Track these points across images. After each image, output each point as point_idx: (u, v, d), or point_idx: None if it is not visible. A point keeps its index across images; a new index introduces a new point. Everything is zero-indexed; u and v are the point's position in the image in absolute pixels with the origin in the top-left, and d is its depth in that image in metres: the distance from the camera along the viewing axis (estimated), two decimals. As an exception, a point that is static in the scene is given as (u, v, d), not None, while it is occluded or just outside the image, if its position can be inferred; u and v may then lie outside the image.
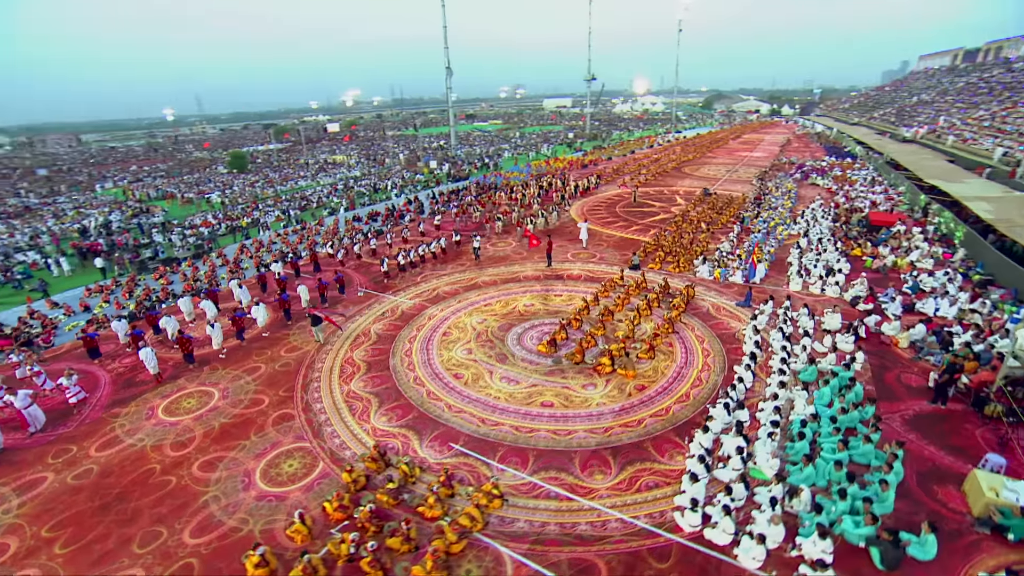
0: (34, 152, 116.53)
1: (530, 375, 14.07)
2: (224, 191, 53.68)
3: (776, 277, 20.57)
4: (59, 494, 10.49)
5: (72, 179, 67.50)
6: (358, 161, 72.14)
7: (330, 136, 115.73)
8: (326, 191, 49.47)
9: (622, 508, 9.46)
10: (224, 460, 11.22)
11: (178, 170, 72.75)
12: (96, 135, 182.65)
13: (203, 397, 13.71)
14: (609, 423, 11.89)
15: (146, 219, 40.17)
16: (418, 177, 54.06)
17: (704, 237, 25.82)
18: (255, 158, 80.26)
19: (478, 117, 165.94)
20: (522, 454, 11.04)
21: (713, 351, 14.96)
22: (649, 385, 13.37)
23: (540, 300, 19.12)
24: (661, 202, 34.75)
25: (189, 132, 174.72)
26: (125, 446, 11.84)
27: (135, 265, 27.77)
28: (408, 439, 11.69)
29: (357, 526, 9.16)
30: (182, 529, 9.44)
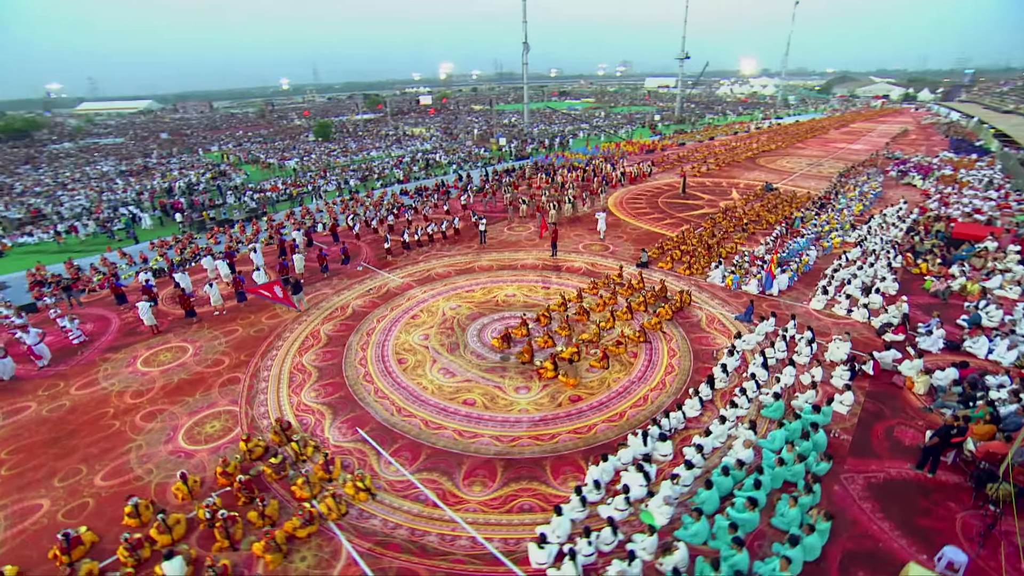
0: (173, 117, 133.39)
1: (470, 369, 13.72)
2: (302, 158, 57.77)
3: (802, 291, 18.00)
4: (30, 423, 12.16)
5: (187, 142, 76.38)
6: (432, 135, 73.87)
7: (420, 108, 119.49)
8: (391, 163, 51.23)
9: (482, 527, 8.97)
10: (164, 413, 12.28)
11: (273, 137, 79.37)
12: (226, 102, 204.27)
13: (179, 352, 15.06)
14: (520, 432, 11.27)
15: (225, 182, 44.50)
16: (484, 153, 54.20)
17: (739, 238, 23.22)
18: (344, 128, 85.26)
19: (573, 94, 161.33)
20: (417, 450, 10.85)
21: (679, 369, 13.52)
22: (587, 397, 12.44)
23: (538, 288, 18.46)
24: (713, 195, 31.74)
25: (301, 100, 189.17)
26: (98, 389, 13.40)
27: (195, 224, 31.00)
28: (323, 417, 11.98)
29: (233, 494, 9.62)
30: (100, 471, 10.53)
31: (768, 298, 17.46)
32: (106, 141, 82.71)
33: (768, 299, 17.40)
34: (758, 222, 25.50)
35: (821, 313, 16.46)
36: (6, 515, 9.56)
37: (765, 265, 18.71)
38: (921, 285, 18.35)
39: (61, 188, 45.53)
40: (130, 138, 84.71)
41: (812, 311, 16.58)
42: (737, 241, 23.09)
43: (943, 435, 9.93)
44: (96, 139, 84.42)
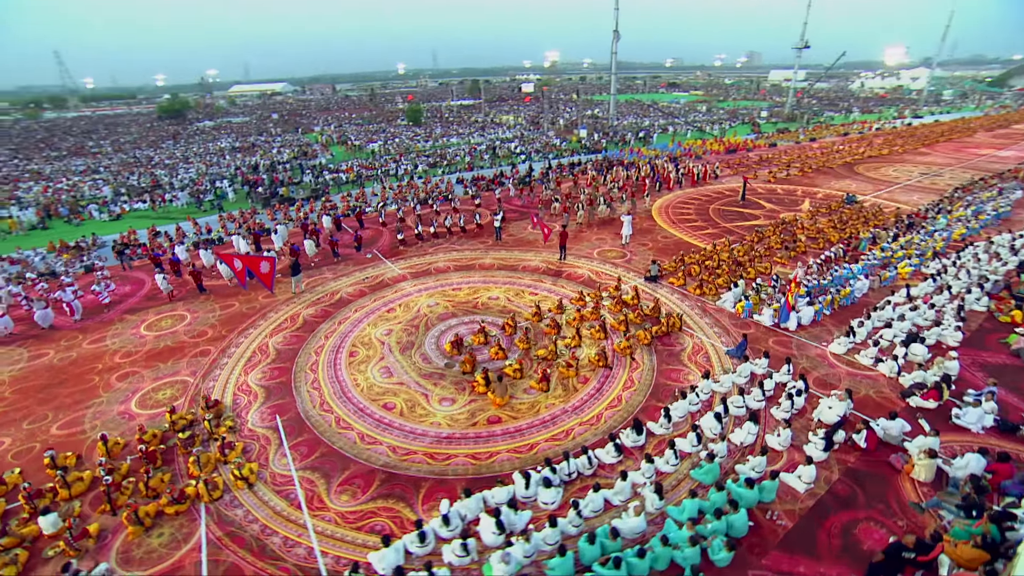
0: (298, 98, 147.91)
1: (408, 371, 13.50)
2: (386, 142, 60.88)
3: (830, 328, 15.16)
4: (41, 368, 14.23)
5: (296, 122, 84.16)
6: (517, 123, 73.78)
7: (517, 96, 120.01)
8: (465, 150, 52.02)
9: (326, 539, 8.79)
10: (135, 376, 13.69)
11: (372, 119, 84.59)
12: (348, 84, 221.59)
13: (178, 321, 16.69)
14: (419, 447, 10.85)
15: (307, 161, 48.36)
16: (561, 145, 53.02)
17: (782, 257, 20.19)
18: (439, 113, 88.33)
19: (683, 86, 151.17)
20: (315, 447, 10.91)
21: (627, 405, 12.10)
22: (507, 421, 11.63)
23: (525, 293, 17.72)
24: (779, 205, 27.96)
25: (415, 85, 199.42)
26: (102, 345, 15.30)
27: (261, 200, 34.10)
28: (255, 399, 12.52)
29: (138, 460, 10.43)
30: (59, 420, 12.01)
31: (781, 332, 14.96)
32: (237, 120, 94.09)
33: (780, 334, 14.91)
34: (815, 239, 21.95)
35: (839, 359, 13.73)
36: None
37: (784, 291, 16.03)
38: (1001, 339, 14.55)
39: (183, 161, 52.62)
40: (256, 118, 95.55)
41: (829, 355, 13.89)
42: (779, 260, 20.10)
43: (893, 554, 7.76)
44: (230, 118, 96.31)
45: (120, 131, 78.98)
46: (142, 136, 73.45)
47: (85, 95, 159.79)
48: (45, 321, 16.40)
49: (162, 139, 70.76)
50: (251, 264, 17.85)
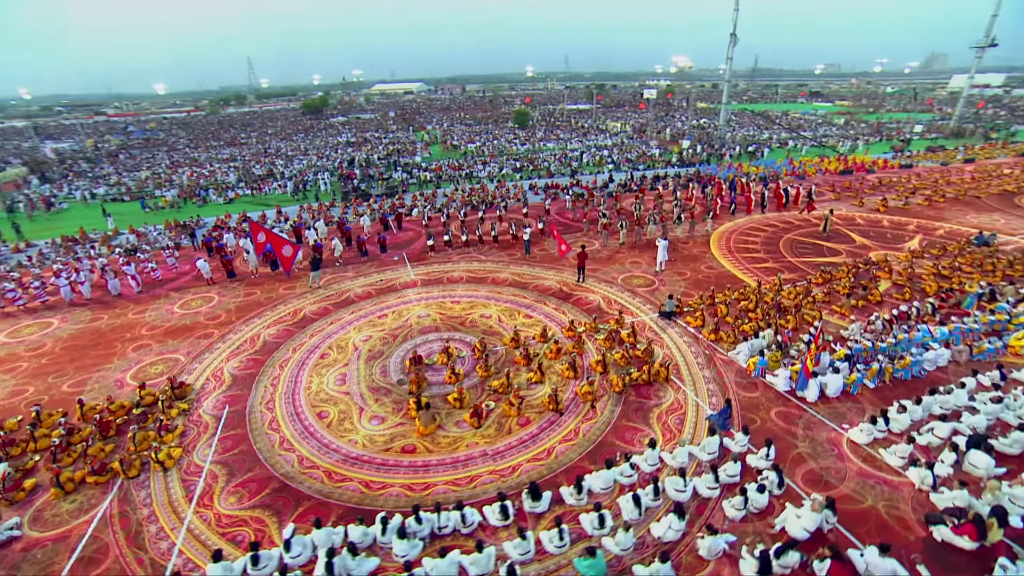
0: (428, 97, 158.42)
1: (360, 382, 13.46)
2: (485, 143, 62.38)
3: (870, 405, 12.04)
4: (91, 330, 16.80)
5: (412, 120, 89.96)
6: (621, 130, 70.98)
7: (633, 101, 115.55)
8: (556, 156, 51.37)
9: (194, 539, 9.00)
10: (145, 348, 15.51)
11: (480, 120, 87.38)
12: (478, 85, 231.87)
13: (206, 303, 18.61)
14: (326, 463, 10.70)
15: (400, 158, 51.34)
16: (659, 155, 49.96)
17: (842, 306, 16.59)
18: (549, 117, 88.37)
19: (828, 96, 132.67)
20: (239, 443, 11.32)
21: (553, 461, 10.75)
22: (421, 452, 11.00)
23: (519, 315, 16.89)
24: (877, 241, 23.11)
25: (542, 88, 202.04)
26: (140, 317, 17.62)
27: (341, 194, 36.88)
28: (219, 386, 13.39)
29: (98, 426, 11.71)
30: (73, 379, 14.01)
31: (795, 403, 12.22)
32: (365, 116, 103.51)
33: (793, 403, 12.18)
34: (901, 288, 17.66)
35: (857, 451, 10.80)
36: (10, 389, 13.60)
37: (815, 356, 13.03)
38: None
39: (302, 153, 59.12)
40: (381, 115, 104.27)
41: (844, 444, 10.99)
42: (838, 310, 16.55)
43: None
44: (360, 114, 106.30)
45: (269, 124, 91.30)
46: (283, 129, 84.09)
47: (260, 93, 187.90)
48: (114, 290, 19.36)
49: (296, 132, 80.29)
50: (275, 243, 19.28)
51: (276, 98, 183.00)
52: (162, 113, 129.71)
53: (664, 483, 9.60)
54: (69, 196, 41.25)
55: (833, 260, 20.89)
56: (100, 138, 77.24)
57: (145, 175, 48.71)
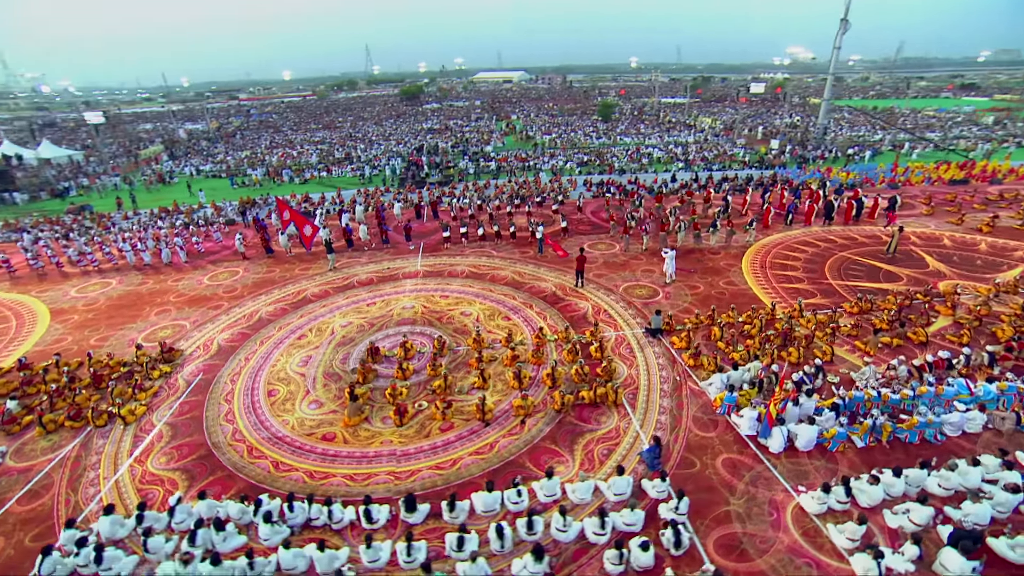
0: (525, 86, 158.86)
1: (320, 365, 14.06)
2: (560, 136, 61.32)
3: (851, 469, 10.19)
4: (134, 292, 19.35)
5: (500, 109, 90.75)
6: (710, 127, 65.76)
7: (740, 95, 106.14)
8: (628, 151, 49.24)
9: (115, 491, 10.12)
10: (165, 313, 17.53)
11: (567, 111, 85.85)
12: (581, 75, 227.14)
13: (231, 276, 20.51)
14: (252, 439, 11.39)
15: (470, 147, 52.16)
16: (741, 155, 45.82)
17: (868, 343, 14.06)
18: (639, 110, 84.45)
19: (986, 90, 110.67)
20: (194, 408, 12.43)
21: (454, 472, 10.46)
22: (339, 442, 11.27)
23: (498, 316, 16.64)
24: (961, 266, 19.16)
25: (647, 80, 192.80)
26: (175, 285, 19.90)
27: (399, 180, 38.39)
28: (203, 355, 14.78)
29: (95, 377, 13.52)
30: (100, 335, 16.24)
31: (758, 450, 10.67)
32: (458, 103, 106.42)
33: (752, 452, 10.65)
34: (960, 329, 14.49)
35: (802, 518, 9.19)
36: (55, 336, 16.14)
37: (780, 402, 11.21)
38: None
39: (383, 138, 62.36)
40: (471, 104, 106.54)
41: (787, 512, 9.40)
42: (861, 347, 14.08)
43: None
44: (453, 102, 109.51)
45: (368, 109, 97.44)
46: (378, 114, 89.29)
47: (371, 79, 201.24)
48: (166, 259, 22.07)
49: (389, 117, 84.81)
50: (298, 221, 20.70)
51: (384, 84, 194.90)
52: (285, 97, 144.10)
53: (549, 518, 8.91)
54: (182, 172, 47.50)
55: (886, 287, 17.74)
56: (226, 120, 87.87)
57: (246, 154, 54.64)
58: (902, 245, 21.09)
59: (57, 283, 20.53)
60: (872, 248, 21.24)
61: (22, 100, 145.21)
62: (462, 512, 9.17)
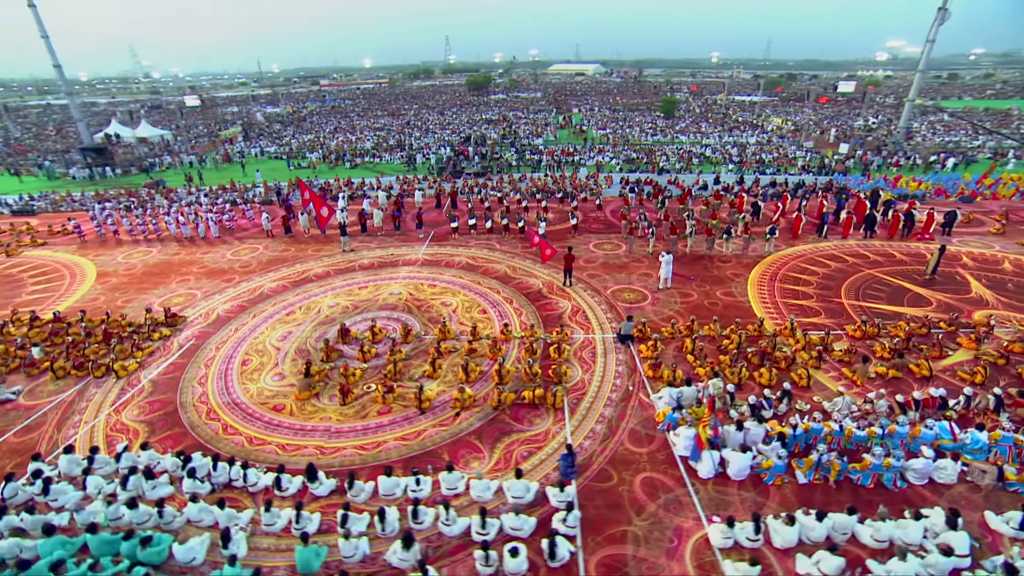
0: (598, 78, 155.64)
1: (295, 341, 14.98)
2: (615, 131, 59.75)
3: (781, 503, 9.51)
4: (166, 262, 21.50)
5: (564, 101, 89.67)
6: (779, 127, 61.08)
7: (820, 95, 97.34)
8: (679, 151, 47.21)
9: (89, 434, 11.52)
10: (184, 282, 19.36)
11: (630, 107, 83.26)
12: (658, 69, 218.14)
13: (251, 252, 22.17)
14: (213, 402, 12.46)
15: (517, 139, 52.20)
16: (805, 158, 42.53)
17: (856, 372, 12.78)
18: (708, 108, 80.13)
19: None
20: (178, 369, 13.78)
21: (368, 457, 10.86)
22: (285, 413, 12.05)
23: (473, 311, 16.89)
24: (1011, 295, 16.74)
25: (728, 75, 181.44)
26: (200, 258, 21.82)
27: (436, 169, 39.27)
28: (197, 324, 16.23)
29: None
30: (125, 300, 18.23)
31: (686, 472, 10.18)
32: (524, 95, 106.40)
33: (682, 473, 10.18)
34: (975, 366, 12.75)
35: (704, 552, 8.69)
36: (91, 296, 18.37)
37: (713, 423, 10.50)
38: None
39: (441, 127, 63.76)
40: (532, 97, 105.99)
41: (690, 544, 8.91)
42: (849, 375, 12.85)
43: None
44: (520, 93, 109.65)
45: (435, 98, 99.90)
46: (444, 103, 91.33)
47: (446, 68, 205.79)
48: (201, 233, 24.26)
49: (452, 107, 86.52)
50: (316, 203, 22.00)
51: (458, 74, 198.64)
52: (362, 84, 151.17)
53: (439, 510, 9.06)
54: (249, 153, 51.47)
55: (909, 311, 15.92)
56: (302, 105, 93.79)
57: (310, 138, 58.19)
58: (947, 266, 18.76)
59: (111, 249, 23.25)
60: (909, 268, 19.09)
61: (143, 85, 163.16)
62: (362, 492, 9.56)
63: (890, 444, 10.51)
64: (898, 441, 10.51)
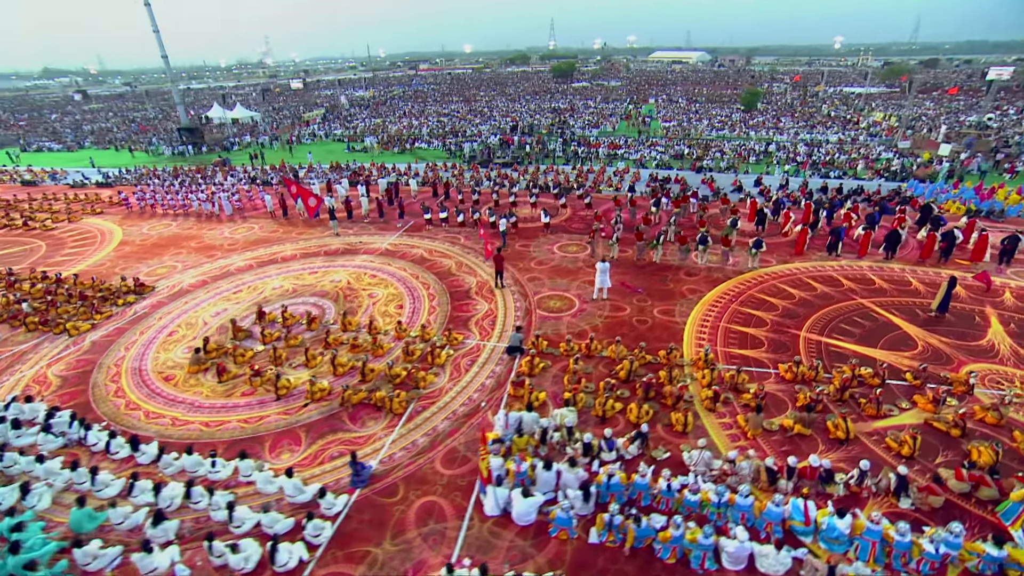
0: (695, 67, 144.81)
1: (222, 318, 16.14)
2: (680, 123, 55.52)
3: (551, 560, 8.65)
4: (174, 235, 24.09)
5: (641, 92, 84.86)
6: (883, 121, 52.42)
7: (971, 84, 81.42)
8: (749, 147, 42.88)
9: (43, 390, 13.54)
10: (176, 256, 21.61)
11: (713, 98, 76.56)
12: (771, 58, 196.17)
13: (247, 232, 24.10)
14: (123, 365, 13.95)
15: (567, 129, 50.70)
16: (894, 161, 36.59)
17: (750, 424, 10.93)
18: (803, 100, 71.18)
19: None
20: (114, 331, 15.60)
21: (204, 433, 11.48)
22: (168, 385, 13.14)
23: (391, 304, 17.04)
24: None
25: (853, 63, 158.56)
26: (204, 234, 24.16)
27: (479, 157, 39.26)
28: (162, 294, 18.12)
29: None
30: (124, 266, 20.83)
31: (471, 505, 9.58)
32: (611, 83, 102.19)
33: (466, 504, 9.60)
34: (919, 431, 10.27)
35: (441, 588, 8.13)
36: (98, 261, 21.26)
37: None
38: None
39: (504, 115, 63.50)
40: (628, 82, 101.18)
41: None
42: (744, 426, 11.05)
43: None
44: (604, 81, 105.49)
45: (518, 85, 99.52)
46: (523, 90, 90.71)
47: (544, 54, 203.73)
48: (218, 210, 26.80)
49: (527, 94, 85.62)
50: (303, 194, 23.43)
51: (555, 59, 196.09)
52: (455, 69, 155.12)
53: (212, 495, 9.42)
54: (318, 135, 55.40)
55: (879, 355, 13.16)
56: (388, 89, 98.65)
57: (379, 122, 61.27)
58: (975, 301, 15.19)
59: (145, 220, 26.63)
60: (920, 300, 15.73)
61: (267, 70, 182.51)
62: (170, 466, 10.23)
63: (730, 516, 8.95)
64: (738, 514, 8.89)
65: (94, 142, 57.44)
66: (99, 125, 70.34)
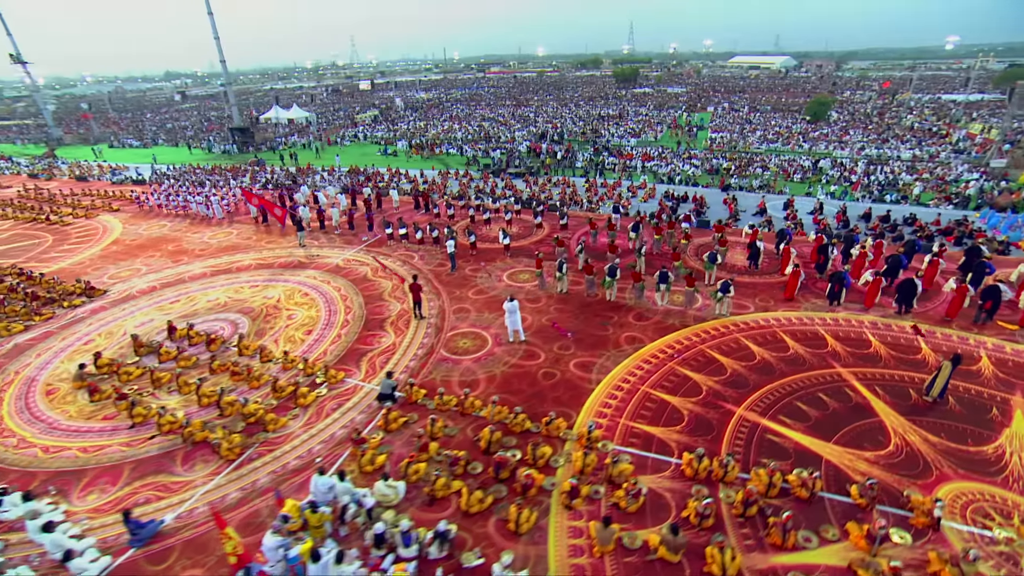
0: (777, 72, 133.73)
1: (139, 329, 16.03)
2: (732, 135, 50.78)
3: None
4: (157, 237, 24.88)
5: (700, 99, 79.33)
6: (979, 134, 44.58)
7: None
8: (812, 162, 38.33)
9: (-73, 379, 14.08)
10: (148, 258, 22.21)
11: (769, 107, 69.73)
12: (868, 63, 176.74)
13: (224, 237, 24.38)
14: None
15: (598, 137, 48.05)
16: (981, 183, 31.08)
17: (596, 539, 8.72)
18: (882, 111, 62.72)
19: None
20: (54, 332, 15.98)
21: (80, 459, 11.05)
22: (44, 398, 13.05)
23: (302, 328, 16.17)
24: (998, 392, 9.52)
25: (966, 65, 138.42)
26: (189, 237, 24.75)
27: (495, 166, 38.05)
28: (110, 298, 18.50)
29: (43, 297, 18.47)
30: (99, 266, 21.68)
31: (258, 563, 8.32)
32: (674, 89, 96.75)
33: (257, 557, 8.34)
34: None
35: None
36: (82, 259, 22.32)
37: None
38: None
39: (547, 120, 61.49)
40: (692, 88, 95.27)
41: None
42: (592, 539, 8.85)
43: None
44: (668, 87, 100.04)
45: (580, 89, 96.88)
46: (580, 95, 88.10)
47: (616, 58, 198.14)
48: (210, 214, 27.51)
49: (583, 99, 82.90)
50: (267, 206, 23.40)
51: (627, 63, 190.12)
52: (522, 72, 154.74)
53: None
54: (356, 137, 56.60)
55: (830, 453, 10.24)
56: (449, 91, 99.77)
57: (423, 124, 61.77)
58: (1003, 385, 11.63)
59: (148, 219, 27.92)
60: (921, 375, 12.33)
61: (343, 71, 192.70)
62: None
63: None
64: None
65: (165, 139, 62.62)
66: (180, 123, 76.92)
